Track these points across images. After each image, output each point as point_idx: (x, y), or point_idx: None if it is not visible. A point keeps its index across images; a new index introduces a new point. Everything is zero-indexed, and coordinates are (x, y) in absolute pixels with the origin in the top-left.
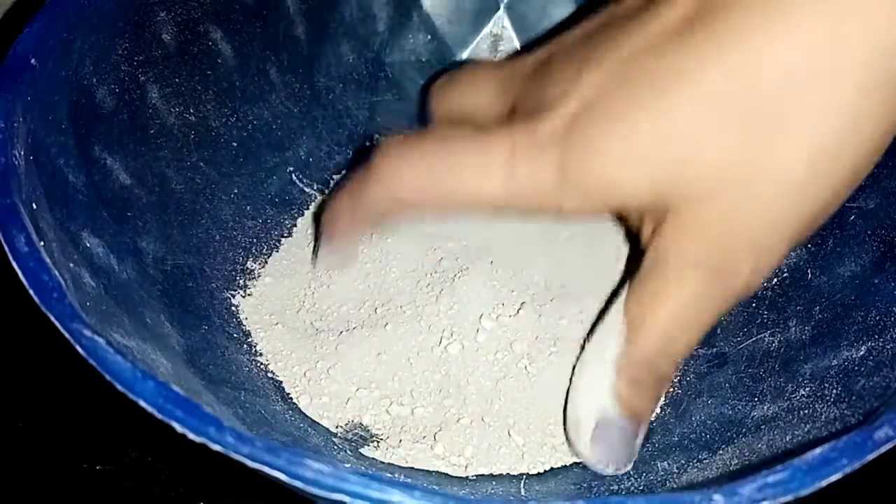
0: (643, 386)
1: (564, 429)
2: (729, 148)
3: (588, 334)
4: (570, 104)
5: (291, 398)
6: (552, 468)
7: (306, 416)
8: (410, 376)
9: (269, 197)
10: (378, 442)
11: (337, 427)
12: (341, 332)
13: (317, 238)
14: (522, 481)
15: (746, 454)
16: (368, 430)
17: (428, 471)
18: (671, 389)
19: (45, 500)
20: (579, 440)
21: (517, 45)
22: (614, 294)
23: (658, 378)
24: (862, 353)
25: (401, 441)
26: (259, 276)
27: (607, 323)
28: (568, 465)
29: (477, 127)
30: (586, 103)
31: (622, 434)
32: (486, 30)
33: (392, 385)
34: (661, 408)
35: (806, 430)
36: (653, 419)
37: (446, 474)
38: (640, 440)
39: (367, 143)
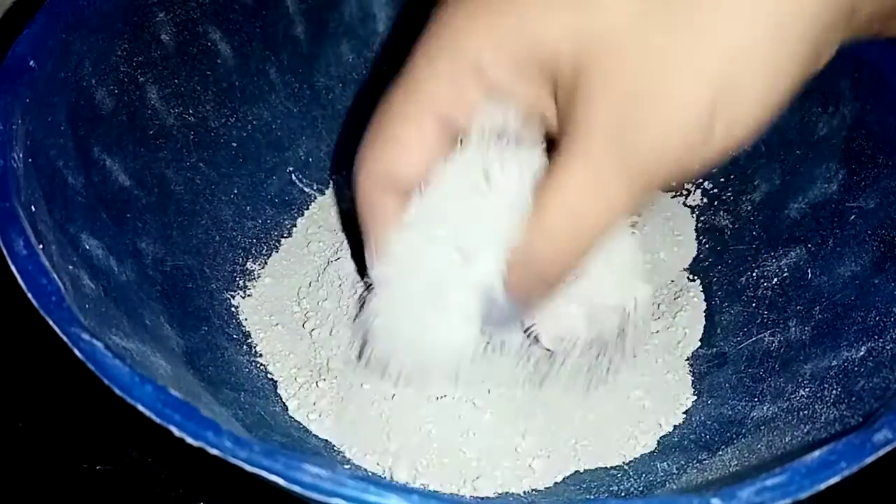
0: (533, 279)
1: None
2: (642, 15)
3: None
4: None
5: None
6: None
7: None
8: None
9: (269, 197)
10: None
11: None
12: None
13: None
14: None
15: (746, 455)
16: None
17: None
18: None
19: (45, 500)
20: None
21: None
22: None
23: (550, 280)
24: (862, 353)
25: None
26: (259, 276)
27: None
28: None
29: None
30: None
31: (507, 311)
32: None
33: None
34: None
35: (805, 431)
36: None
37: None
38: (526, 318)
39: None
